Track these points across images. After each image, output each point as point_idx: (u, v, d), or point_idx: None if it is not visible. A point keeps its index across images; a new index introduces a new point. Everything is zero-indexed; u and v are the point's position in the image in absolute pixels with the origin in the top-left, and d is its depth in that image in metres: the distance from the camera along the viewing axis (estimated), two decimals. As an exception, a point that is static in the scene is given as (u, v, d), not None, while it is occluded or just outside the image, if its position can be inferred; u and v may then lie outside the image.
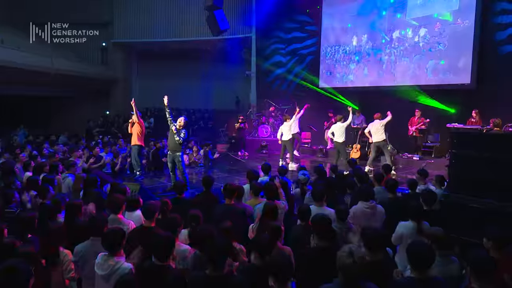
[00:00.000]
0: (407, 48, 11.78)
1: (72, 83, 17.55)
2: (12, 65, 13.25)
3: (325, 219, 3.21)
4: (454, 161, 5.22)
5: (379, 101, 11.49)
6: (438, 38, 11.00)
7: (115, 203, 3.91)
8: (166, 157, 7.61)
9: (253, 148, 13.67)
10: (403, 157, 10.89)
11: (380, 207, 4.41)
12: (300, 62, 15.22)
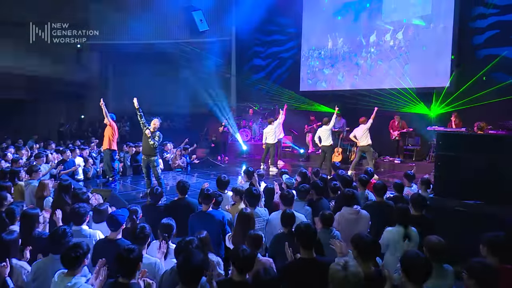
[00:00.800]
0: (383, 52, 11.86)
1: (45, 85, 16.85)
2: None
3: (310, 228, 2.94)
4: (439, 163, 5.07)
5: (358, 105, 11.40)
6: (413, 42, 11.11)
7: (77, 214, 3.52)
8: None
9: (233, 152, 13.37)
10: (384, 160, 10.82)
11: (365, 212, 4.20)
12: (280, 65, 15.08)
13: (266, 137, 10.42)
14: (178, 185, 4.89)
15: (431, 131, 10.07)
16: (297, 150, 12.70)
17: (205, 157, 12.79)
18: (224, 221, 4.13)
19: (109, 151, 7.81)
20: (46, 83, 16.67)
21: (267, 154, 10.51)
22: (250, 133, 14.09)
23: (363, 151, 9.31)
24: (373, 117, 9.16)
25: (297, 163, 11.75)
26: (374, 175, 6.10)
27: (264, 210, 4.38)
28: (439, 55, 10.49)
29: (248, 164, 11.21)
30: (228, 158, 12.62)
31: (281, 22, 14.80)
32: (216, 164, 11.84)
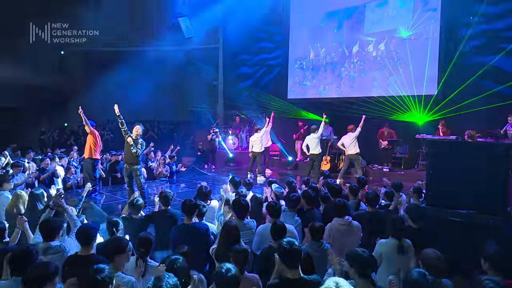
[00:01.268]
0: (367, 62, 11.90)
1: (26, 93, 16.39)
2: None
3: (294, 246, 2.67)
4: (431, 171, 4.92)
5: (347, 112, 11.31)
6: (397, 52, 11.14)
7: (48, 228, 3.20)
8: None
9: (220, 160, 13.12)
10: (373, 168, 10.72)
11: (356, 223, 4.02)
12: (268, 73, 14.97)
13: (252, 145, 10.23)
14: (160, 195, 4.65)
15: (419, 139, 10.09)
16: (285, 158, 12.53)
17: (191, 165, 12.53)
18: (208, 234, 3.89)
19: (91, 160, 7.51)
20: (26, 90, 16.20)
21: (254, 163, 10.31)
22: (237, 141, 13.87)
23: (352, 159, 9.19)
24: (361, 125, 9.07)
25: (285, 172, 11.56)
26: (366, 183, 5.94)
27: (252, 222, 4.15)
28: (425, 64, 10.49)
29: (235, 173, 10.97)
30: (215, 166, 12.37)
31: (268, 30, 14.71)
32: (203, 172, 11.58)
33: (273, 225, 3.47)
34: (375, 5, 11.68)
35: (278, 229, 3.41)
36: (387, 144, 10.49)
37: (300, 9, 13.79)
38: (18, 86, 15.43)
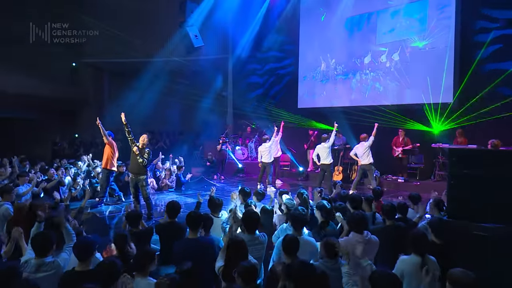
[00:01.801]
0: (380, 73, 11.56)
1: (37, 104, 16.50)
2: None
3: (309, 267, 2.40)
4: (453, 182, 4.60)
5: (359, 121, 11.04)
6: (411, 61, 10.79)
7: (40, 242, 2.96)
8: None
9: (230, 171, 12.90)
10: (387, 179, 10.35)
11: (374, 238, 3.71)
12: (278, 82, 14.80)
13: (261, 155, 9.99)
14: (167, 206, 4.40)
15: (435, 149, 9.74)
16: (295, 169, 12.25)
17: (200, 176, 12.32)
18: (215, 249, 3.63)
19: (107, 171, 7.38)
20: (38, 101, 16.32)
21: (264, 173, 10.06)
22: (246, 152, 13.65)
23: (365, 169, 8.88)
24: (374, 134, 8.79)
25: (295, 182, 11.27)
26: (382, 194, 5.63)
27: (263, 236, 3.86)
28: (441, 71, 10.15)
29: (245, 183, 10.72)
30: (224, 177, 12.14)
31: (278, 39, 14.56)
32: (212, 183, 11.34)
33: (285, 238, 3.21)
34: (387, 15, 11.37)
35: (291, 242, 3.15)
36: (401, 153, 10.11)
37: (309, 18, 13.62)
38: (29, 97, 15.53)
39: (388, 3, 11.30)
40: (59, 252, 3.03)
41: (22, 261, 2.88)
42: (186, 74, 17.48)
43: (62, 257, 2.97)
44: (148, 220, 6.36)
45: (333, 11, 12.73)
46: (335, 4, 12.66)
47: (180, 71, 17.64)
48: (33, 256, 2.88)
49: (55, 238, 2.99)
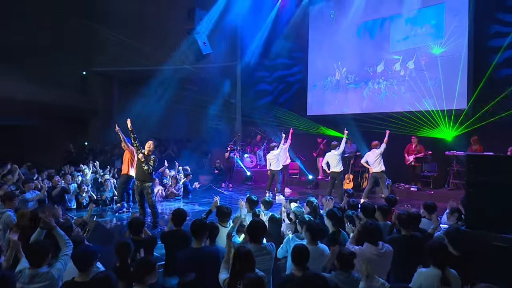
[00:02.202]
0: (394, 81, 11.24)
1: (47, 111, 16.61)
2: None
3: (321, 281, 2.22)
4: (471, 190, 4.38)
5: (370, 128, 10.81)
6: (427, 69, 10.46)
7: (34, 252, 2.80)
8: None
9: (238, 179, 12.74)
10: (399, 188, 10.07)
11: (389, 248, 3.49)
12: (287, 90, 14.66)
13: (270, 163, 9.83)
14: (173, 213, 4.24)
15: (449, 156, 9.46)
16: (305, 177, 12.04)
17: (208, 184, 12.19)
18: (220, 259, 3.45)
19: (127, 176, 7.30)
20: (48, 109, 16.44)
21: (273, 181, 9.88)
22: (255, 159, 13.50)
23: (376, 177, 8.63)
24: (386, 141, 8.56)
25: (305, 191, 11.04)
26: (396, 203, 5.40)
27: (271, 246, 3.67)
28: (455, 77, 9.90)
29: (253, 192, 10.55)
30: (232, 185, 11.98)
31: (287, 46, 14.45)
32: (220, 191, 11.21)
33: (294, 248, 3.02)
34: (400, 21, 11.05)
35: (301, 251, 2.96)
36: (414, 160, 9.82)
37: (319, 25, 13.48)
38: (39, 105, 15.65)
39: (401, 9, 11.00)
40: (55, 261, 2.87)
41: (16, 271, 2.75)
42: (195, 81, 17.47)
43: (56, 267, 2.81)
44: (153, 228, 6.22)
45: (343, 18, 12.51)
46: (345, 10, 12.45)
47: (188, 79, 17.64)
48: (28, 266, 2.74)
49: (51, 247, 2.84)
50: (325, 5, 13.12)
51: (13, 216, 4.65)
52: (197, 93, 17.37)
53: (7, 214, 4.62)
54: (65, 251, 2.95)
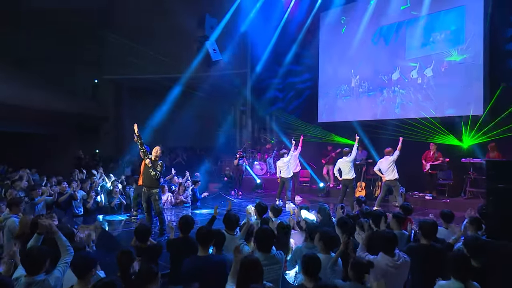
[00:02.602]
0: (411, 89, 10.86)
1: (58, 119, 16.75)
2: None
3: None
4: (491, 197, 4.15)
5: (382, 135, 10.57)
6: (446, 76, 10.10)
7: (31, 258, 2.67)
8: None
9: (248, 187, 12.58)
10: (413, 196, 9.77)
11: (406, 258, 3.27)
12: (297, 96, 14.51)
13: (280, 170, 9.64)
14: (180, 221, 4.09)
15: (465, 164, 9.17)
16: (316, 185, 11.82)
17: (217, 191, 12.07)
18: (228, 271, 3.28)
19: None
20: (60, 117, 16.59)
21: (283, 189, 9.69)
22: (265, 167, 13.33)
23: (390, 185, 8.37)
24: (399, 148, 8.30)
25: (316, 199, 10.81)
26: (412, 211, 5.17)
27: (280, 254, 3.48)
28: (472, 82, 9.62)
29: (263, 200, 10.35)
30: (241, 193, 11.81)
31: (297, 52, 14.32)
32: (229, 199, 11.05)
33: (304, 257, 2.85)
34: (417, 26, 10.71)
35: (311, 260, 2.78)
36: (429, 168, 9.51)
37: (330, 31, 13.33)
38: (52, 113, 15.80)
39: (418, 13, 10.69)
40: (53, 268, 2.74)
41: (13, 277, 2.63)
42: (205, 89, 17.45)
43: (54, 275, 2.68)
44: (160, 236, 6.09)
45: (355, 24, 12.28)
46: (357, 16, 12.24)
47: (199, 86, 17.64)
48: (24, 273, 2.62)
49: (49, 254, 2.71)
50: (336, 10, 12.95)
51: (17, 222, 4.57)
52: (207, 100, 17.36)
53: (12, 220, 4.54)
54: (65, 258, 2.82)
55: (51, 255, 2.69)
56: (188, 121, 18.01)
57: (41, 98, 15.32)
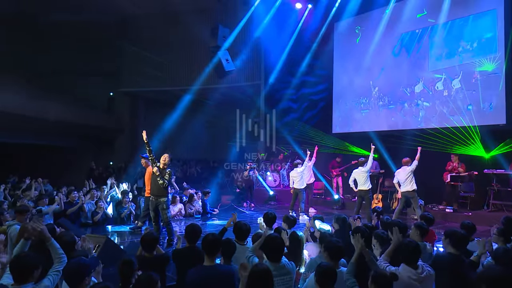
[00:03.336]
0: (436, 101, 10.41)
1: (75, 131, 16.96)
2: (6, 110, 12.66)
3: None
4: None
5: (400, 144, 10.24)
6: (472, 88, 9.67)
7: (19, 266, 2.46)
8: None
9: (261, 198, 12.33)
10: (433, 209, 9.35)
11: (430, 271, 2.98)
12: (312, 107, 14.30)
13: (293, 181, 9.38)
14: (187, 229, 3.88)
15: (487, 175, 8.76)
16: (330, 197, 11.50)
17: (229, 203, 11.86)
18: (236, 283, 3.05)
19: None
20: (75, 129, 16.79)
21: (296, 201, 9.41)
22: (278, 178, 13.08)
23: (408, 196, 8.00)
24: (418, 158, 7.96)
25: (330, 211, 10.47)
26: (434, 221, 4.85)
27: (291, 264, 3.24)
28: (495, 90, 9.26)
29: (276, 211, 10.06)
30: (254, 204, 11.56)
31: (311, 63, 14.17)
32: (241, 211, 10.83)
33: (319, 267, 2.60)
34: (441, 34, 10.29)
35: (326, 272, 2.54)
36: (450, 180, 9.10)
37: (344, 41, 13.17)
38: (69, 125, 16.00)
39: (434, 21, 10.36)
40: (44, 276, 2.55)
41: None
42: (219, 100, 17.42)
43: (43, 284, 2.46)
44: (168, 246, 5.89)
45: (371, 34, 11.98)
46: (372, 26, 11.96)
47: (213, 98, 17.64)
48: (11, 282, 2.44)
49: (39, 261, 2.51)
50: (351, 20, 12.78)
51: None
52: (221, 111, 17.32)
53: (14, 227, 4.43)
54: (56, 266, 2.62)
55: (41, 263, 2.49)
56: (201, 133, 17.98)
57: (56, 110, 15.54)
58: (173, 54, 17.16)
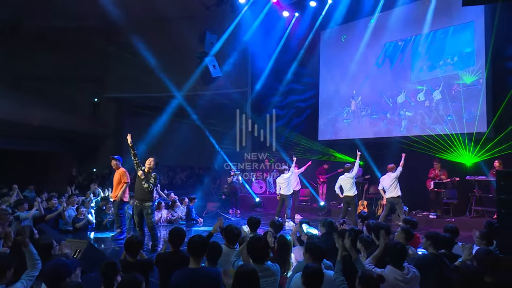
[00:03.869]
0: (418, 112, 10.60)
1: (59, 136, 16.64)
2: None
3: None
4: (504, 210, 3.91)
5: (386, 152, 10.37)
6: (452, 99, 9.89)
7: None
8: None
9: (247, 205, 12.27)
10: (417, 215, 9.46)
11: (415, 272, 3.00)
12: (298, 115, 14.38)
13: (279, 187, 9.37)
14: (170, 233, 3.81)
15: (470, 182, 8.92)
16: (316, 204, 11.53)
17: (215, 210, 11.77)
18: (220, 282, 3.02)
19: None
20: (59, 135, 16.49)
21: (282, 207, 9.40)
22: (264, 185, 13.07)
23: (393, 202, 8.08)
24: (402, 165, 8.07)
25: (316, 218, 10.46)
26: (417, 224, 4.91)
27: (275, 266, 3.22)
28: (475, 99, 9.49)
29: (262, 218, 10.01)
30: (240, 211, 11.50)
31: (298, 70, 14.28)
32: (227, 217, 10.75)
33: (306, 270, 2.59)
34: (424, 45, 10.52)
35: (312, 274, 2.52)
36: (433, 186, 9.24)
37: (330, 50, 13.32)
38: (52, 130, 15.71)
39: (422, 31, 10.52)
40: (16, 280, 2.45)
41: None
42: (205, 107, 17.35)
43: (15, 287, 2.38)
44: (152, 252, 5.79)
45: (356, 43, 12.13)
46: (358, 35, 12.12)
47: (199, 105, 17.56)
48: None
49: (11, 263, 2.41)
50: (337, 29, 12.97)
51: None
52: (208, 118, 17.25)
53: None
54: (31, 272, 2.54)
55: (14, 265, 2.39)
56: (187, 139, 17.83)
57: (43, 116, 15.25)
58: (159, 60, 17.04)
